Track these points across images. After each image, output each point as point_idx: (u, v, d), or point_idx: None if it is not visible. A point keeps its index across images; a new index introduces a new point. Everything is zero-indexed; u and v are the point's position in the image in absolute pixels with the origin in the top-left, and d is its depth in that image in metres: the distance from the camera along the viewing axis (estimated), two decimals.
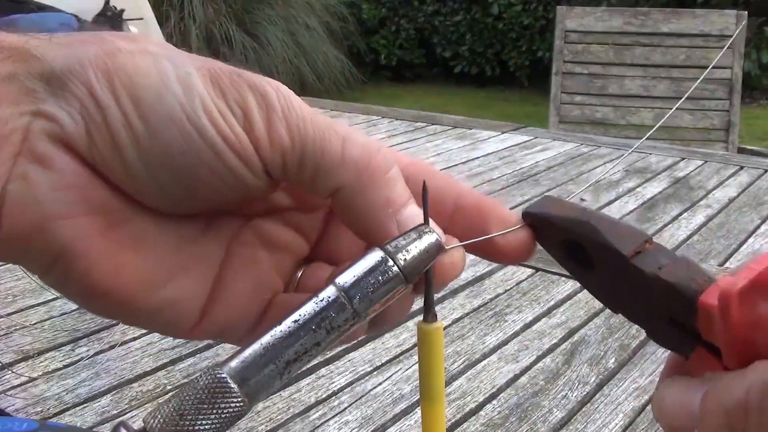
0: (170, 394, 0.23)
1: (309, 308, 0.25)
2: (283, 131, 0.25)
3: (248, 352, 0.24)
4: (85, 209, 0.25)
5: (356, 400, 1.02)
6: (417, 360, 0.29)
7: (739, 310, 0.23)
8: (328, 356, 1.12)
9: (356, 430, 0.96)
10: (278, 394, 1.01)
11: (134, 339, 1.22)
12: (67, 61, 0.24)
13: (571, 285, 1.39)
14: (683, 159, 2.36)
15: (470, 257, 0.30)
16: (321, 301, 0.25)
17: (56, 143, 0.24)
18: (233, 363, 0.24)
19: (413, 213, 0.27)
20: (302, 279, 0.31)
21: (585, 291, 0.31)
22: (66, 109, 0.24)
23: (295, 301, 0.26)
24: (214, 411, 0.23)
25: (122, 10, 3.99)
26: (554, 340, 1.20)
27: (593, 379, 1.08)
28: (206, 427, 0.23)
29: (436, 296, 0.29)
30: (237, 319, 0.29)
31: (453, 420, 0.97)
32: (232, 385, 0.23)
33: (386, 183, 0.27)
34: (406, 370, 1.10)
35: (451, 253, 0.28)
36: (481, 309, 1.31)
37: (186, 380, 1.08)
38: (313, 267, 0.31)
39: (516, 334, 1.22)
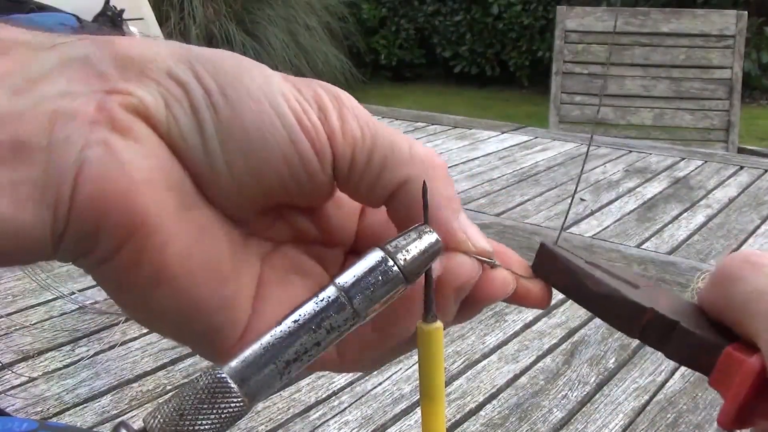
0: (170, 394, 0.23)
1: (309, 308, 0.25)
2: (355, 125, 0.26)
3: (248, 352, 0.24)
4: (166, 184, 0.24)
5: (356, 400, 1.02)
6: (417, 360, 0.29)
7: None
8: None
9: (356, 430, 0.96)
10: (278, 394, 1.01)
11: (134, 339, 1.22)
12: (141, 51, 0.25)
13: None
14: (683, 159, 2.36)
15: None
16: (321, 301, 0.25)
17: (135, 114, 0.24)
18: (233, 363, 0.24)
19: (466, 221, 0.29)
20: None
21: None
22: (143, 87, 0.24)
23: None
24: (214, 411, 0.23)
25: (122, 10, 3.99)
26: (554, 340, 1.20)
27: (593, 379, 1.08)
28: (206, 427, 0.23)
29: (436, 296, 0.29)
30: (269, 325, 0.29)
31: (453, 420, 0.97)
32: (232, 385, 0.23)
33: (450, 183, 0.28)
34: (406, 370, 1.09)
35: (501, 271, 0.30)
36: None
37: (186, 380, 1.08)
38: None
39: (516, 334, 1.22)
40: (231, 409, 0.23)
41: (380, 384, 1.06)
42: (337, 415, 0.99)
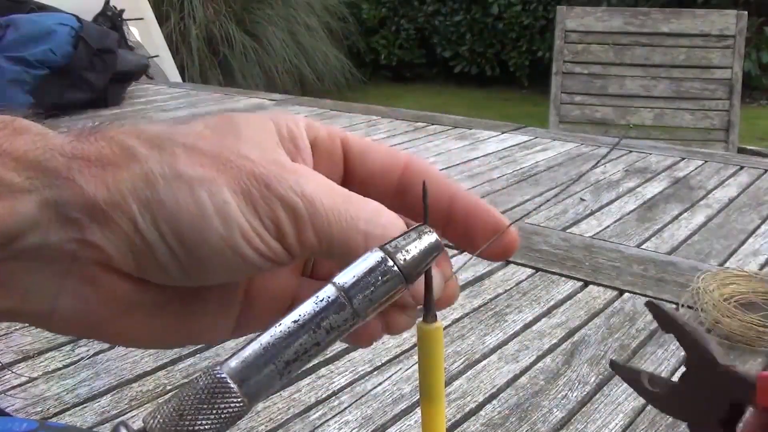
0: (170, 394, 0.23)
1: (309, 308, 0.25)
2: (312, 237, 0.28)
3: (248, 352, 0.24)
4: (129, 310, 0.29)
5: (356, 400, 1.02)
6: (417, 360, 0.29)
7: None
8: (328, 356, 1.11)
9: (356, 430, 0.96)
10: (278, 394, 1.01)
11: None
12: (109, 194, 0.26)
13: (571, 285, 1.39)
14: (683, 159, 2.36)
15: (470, 257, 0.30)
16: (321, 301, 0.25)
17: (104, 270, 0.27)
18: (233, 363, 0.24)
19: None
20: (315, 268, 0.35)
21: (585, 291, 0.32)
22: (113, 241, 0.26)
23: (313, 289, 0.29)
24: (214, 411, 0.23)
25: (122, 10, 3.99)
26: (554, 340, 1.20)
27: (593, 379, 1.08)
28: (206, 427, 0.23)
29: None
30: (266, 321, 0.33)
31: (453, 420, 0.97)
32: (232, 385, 0.23)
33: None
34: (406, 370, 1.09)
35: (449, 284, 0.32)
36: (481, 309, 1.31)
37: (186, 380, 1.08)
38: None
39: (516, 334, 1.22)
40: (231, 409, 0.23)
41: (380, 384, 1.06)
42: (337, 415, 0.99)
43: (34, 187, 0.26)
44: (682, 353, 0.37)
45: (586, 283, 1.40)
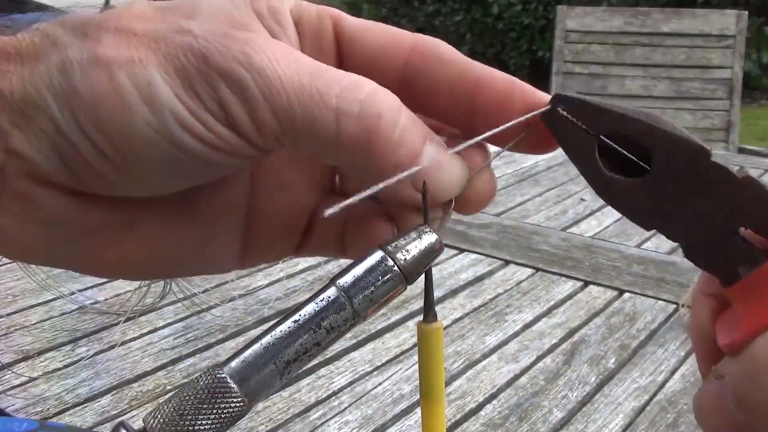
0: (170, 394, 0.23)
1: (309, 308, 0.25)
2: (269, 118, 0.23)
3: (248, 352, 0.24)
4: (84, 232, 0.25)
5: (356, 400, 1.02)
6: (417, 360, 0.29)
7: None
8: (328, 356, 1.12)
9: (356, 430, 0.96)
10: (278, 394, 1.01)
11: (134, 339, 1.22)
12: (23, 89, 0.22)
13: (571, 285, 1.39)
14: None
15: (470, 257, 0.30)
16: (321, 301, 0.25)
17: (35, 182, 0.23)
18: (233, 363, 0.24)
19: (432, 161, 0.25)
20: (343, 185, 0.30)
21: (585, 291, 0.31)
22: (36, 146, 0.23)
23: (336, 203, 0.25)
24: (214, 411, 0.23)
25: None
26: (554, 340, 1.20)
27: (593, 379, 1.08)
28: (206, 427, 0.23)
29: (437, 296, 0.29)
30: (279, 246, 0.29)
31: (453, 420, 0.97)
32: (232, 385, 0.23)
33: (391, 151, 0.24)
34: (406, 370, 1.09)
35: (480, 179, 0.26)
36: (481, 309, 1.30)
37: (186, 380, 1.08)
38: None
39: (516, 334, 1.22)
40: (231, 409, 0.23)
41: (380, 384, 1.06)
42: (337, 415, 0.99)
43: None
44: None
45: (586, 283, 1.40)
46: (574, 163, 0.27)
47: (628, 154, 0.26)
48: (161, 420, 0.23)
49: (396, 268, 0.25)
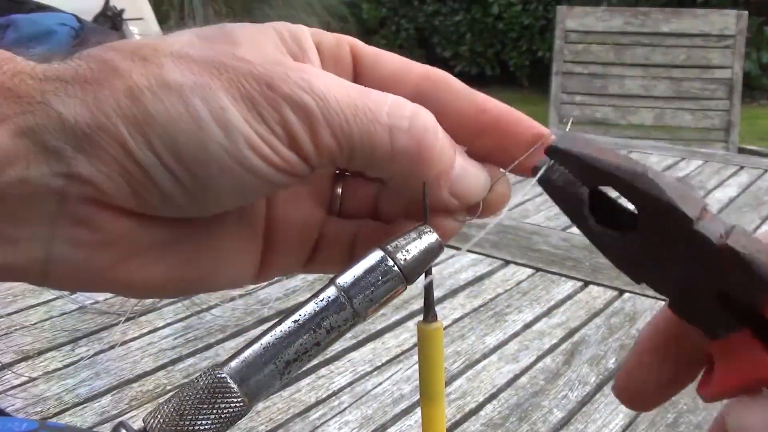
0: (170, 394, 0.23)
1: (309, 308, 0.25)
2: (329, 139, 0.25)
3: (248, 352, 0.24)
4: (134, 252, 0.25)
5: (356, 400, 1.02)
6: (417, 360, 0.29)
7: None
8: (328, 356, 1.12)
9: (356, 430, 0.96)
10: (278, 394, 1.02)
11: (134, 339, 1.22)
12: (91, 115, 0.23)
13: (571, 285, 1.39)
14: (683, 159, 2.36)
15: (470, 257, 0.30)
16: (321, 301, 0.25)
17: (97, 206, 0.24)
18: (233, 363, 0.24)
19: (462, 169, 0.27)
20: (345, 194, 0.32)
21: (585, 291, 0.31)
22: (104, 172, 0.23)
23: (341, 228, 0.28)
24: (214, 411, 0.23)
25: (122, 10, 3.99)
26: (554, 340, 1.20)
27: (593, 379, 1.08)
28: (206, 427, 0.23)
29: (437, 296, 0.29)
30: (291, 259, 0.31)
31: (453, 420, 0.97)
32: (232, 385, 0.23)
33: (435, 160, 0.26)
34: (406, 370, 1.10)
35: (499, 185, 0.29)
36: (481, 309, 1.31)
37: (186, 380, 1.08)
38: (350, 180, 0.32)
39: (516, 334, 1.22)
40: (231, 409, 0.23)
41: (380, 384, 1.06)
42: (337, 415, 0.99)
43: (3, 115, 0.22)
44: None
45: (586, 283, 1.40)
46: (566, 215, 0.28)
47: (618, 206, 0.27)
48: (161, 420, 0.23)
49: (396, 268, 0.26)
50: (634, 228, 0.26)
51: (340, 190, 0.32)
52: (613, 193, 0.26)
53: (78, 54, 0.24)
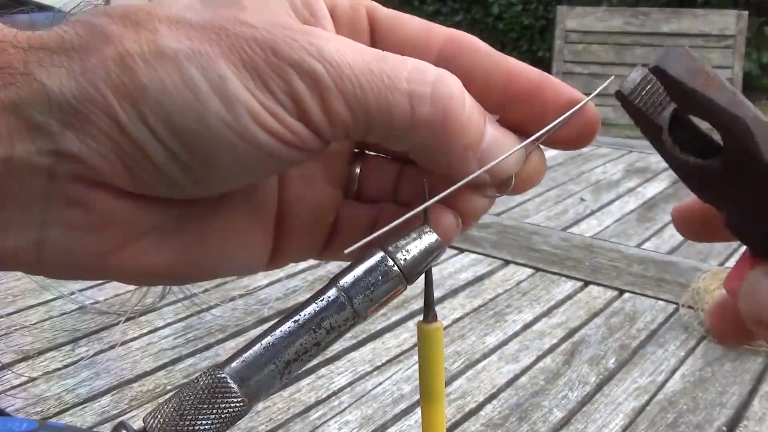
0: (170, 394, 0.23)
1: (309, 308, 0.25)
2: (342, 108, 0.22)
3: (248, 352, 0.24)
4: (133, 236, 0.24)
5: (356, 400, 1.02)
6: (417, 360, 0.29)
7: None
8: (328, 356, 1.12)
9: (356, 430, 0.96)
10: (278, 394, 1.02)
11: (134, 339, 1.22)
12: (78, 87, 0.21)
13: (571, 285, 1.39)
14: None
15: (470, 257, 0.30)
16: (321, 301, 0.25)
17: (89, 185, 0.22)
18: (233, 363, 0.24)
19: (493, 140, 0.25)
20: (363, 175, 0.29)
21: (585, 291, 0.31)
22: (94, 148, 0.21)
23: (359, 212, 0.26)
24: (214, 411, 0.23)
25: None
26: (554, 340, 1.20)
27: (593, 379, 1.08)
28: (206, 427, 0.23)
29: (437, 296, 0.29)
30: (306, 245, 0.29)
31: (453, 420, 0.97)
32: (232, 385, 0.23)
33: (462, 130, 0.24)
34: (406, 370, 1.10)
35: (533, 156, 0.26)
36: (481, 309, 1.31)
37: (186, 380, 1.08)
38: (369, 159, 0.30)
39: (516, 334, 1.22)
40: (231, 409, 0.23)
41: (380, 384, 1.06)
42: (337, 415, 0.99)
43: None
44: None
45: (586, 283, 1.40)
46: (644, 136, 0.26)
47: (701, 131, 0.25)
48: (161, 420, 0.23)
49: (396, 268, 0.25)
50: (715, 156, 0.24)
51: (358, 171, 0.29)
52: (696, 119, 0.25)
53: (66, 20, 0.22)
